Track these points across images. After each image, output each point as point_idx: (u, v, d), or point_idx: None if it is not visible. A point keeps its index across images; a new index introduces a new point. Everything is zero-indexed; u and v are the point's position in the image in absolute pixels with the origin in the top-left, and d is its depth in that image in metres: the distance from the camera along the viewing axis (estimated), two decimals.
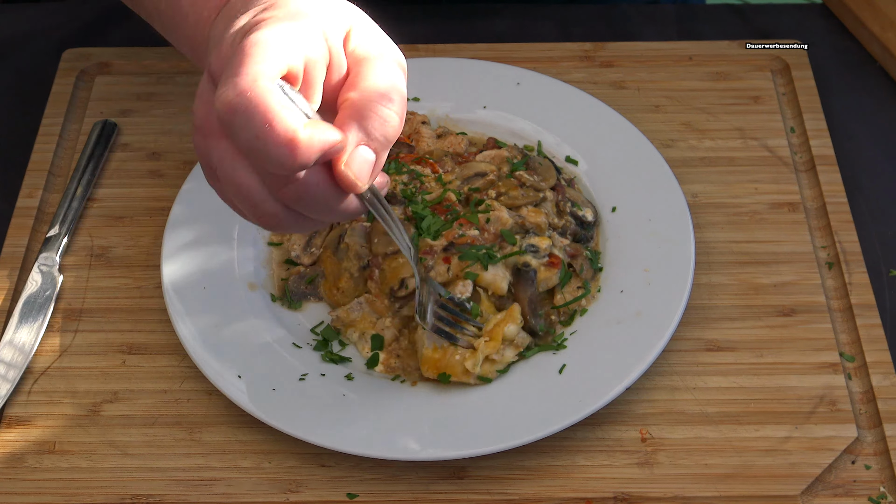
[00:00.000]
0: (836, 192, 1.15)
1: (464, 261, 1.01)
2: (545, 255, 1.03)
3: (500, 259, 1.01)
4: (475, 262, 1.01)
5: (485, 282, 1.00)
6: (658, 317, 1.00)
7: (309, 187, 0.73)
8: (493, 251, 1.02)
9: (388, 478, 0.95)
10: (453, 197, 1.06)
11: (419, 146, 1.14)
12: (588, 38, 1.33)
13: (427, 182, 1.09)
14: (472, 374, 0.97)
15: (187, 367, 1.02)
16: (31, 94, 1.27)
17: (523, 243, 1.03)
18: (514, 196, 1.07)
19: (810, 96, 1.24)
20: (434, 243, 1.02)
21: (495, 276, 1.01)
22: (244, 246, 1.09)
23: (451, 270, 1.01)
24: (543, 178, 1.10)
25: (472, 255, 1.01)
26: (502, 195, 1.07)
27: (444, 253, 1.01)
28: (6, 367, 1.01)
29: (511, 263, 1.02)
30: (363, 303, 1.03)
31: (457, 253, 1.01)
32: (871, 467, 0.96)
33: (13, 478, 0.96)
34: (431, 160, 1.12)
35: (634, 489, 0.94)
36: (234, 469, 0.96)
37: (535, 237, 1.04)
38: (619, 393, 0.96)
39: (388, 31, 0.81)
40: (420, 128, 1.17)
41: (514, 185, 1.08)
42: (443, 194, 1.06)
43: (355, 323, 1.02)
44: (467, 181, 1.09)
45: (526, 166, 1.10)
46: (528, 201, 1.07)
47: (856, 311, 1.05)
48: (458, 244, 1.02)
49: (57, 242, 1.11)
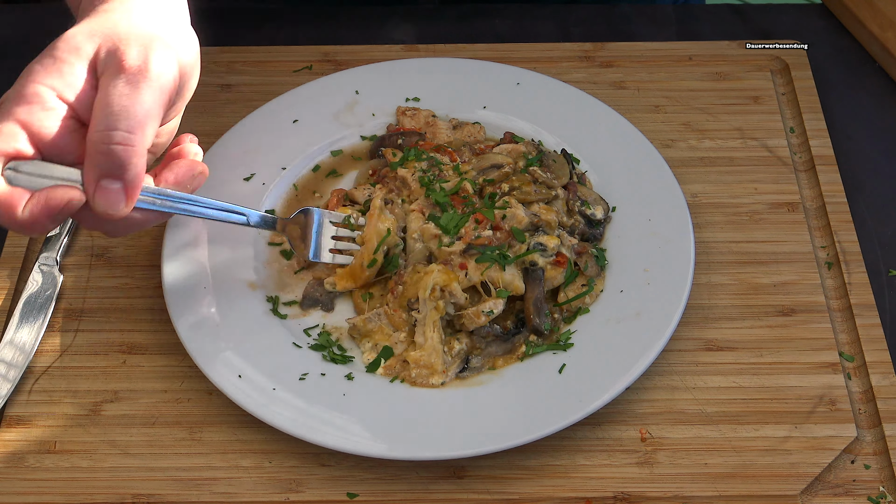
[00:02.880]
0: (835, 191, 1.15)
1: (481, 263, 1.01)
2: (552, 255, 1.03)
3: (512, 260, 1.02)
4: (493, 264, 1.01)
5: (503, 282, 1.01)
6: (658, 316, 1.00)
7: (95, 223, 0.86)
8: (505, 251, 1.02)
9: (388, 477, 0.96)
10: (469, 188, 1.07)
11: (436, 138, 1.15)
12: (588, 38, 1.33)
13: (445, 170, 1.09)
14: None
15: (187, 367, 1.02)
16: None
17: (532, 241, 1.03)
18: (528, 192, 1.07)
19: (810, 96, 1.25)
20: (451, 249, 1.02)
21: (513, 276, 1.01)
22: (244, 246, 1.09)
23: (469, 274, 1.01)
24: (556, 176, 1.10)
25: (489, 258, 1.01)
26: (515, 189, 1.07)
27: (461, 258, 1.02)
28: (7, 367, 1.01)
29: (520, 262, 1.02)
30: (381, 315, 1.03)
31: (474, 255, 1.01)
32: (870, 467, 0.96)
33: (13, 477, 0.96)
34: (451, 149, 1.13)
35: (634, 489, 0.94)
36: (235, 468, 0.96)
37: (544, 235, 1.04)
38: (619, 393, 0.96)
39: (389, 31, 0.81)
40: (433, 120, 1.17)
41: (527, 180, 1.08)
42: (459, 183, 1.07)
43: (371, 333, 1.03)
44: (483, 172, 1.09)
45: (540, 162, 1.10)
46: (540, 198, 1.07)
47: (855, 311, 1.06)
48: (476, 245, 1.02)
49: (57, 242, 1.11)
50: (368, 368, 1.00)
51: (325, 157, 1.18)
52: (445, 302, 1.00)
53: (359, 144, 1.19)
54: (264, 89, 1.24)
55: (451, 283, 1.00)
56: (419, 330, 1.01)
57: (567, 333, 1.02)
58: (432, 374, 0.99)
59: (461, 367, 1.00)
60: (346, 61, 1.29)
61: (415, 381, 0.99)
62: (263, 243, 1.11)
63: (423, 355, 0.99)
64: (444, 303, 1.00)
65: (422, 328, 1.00)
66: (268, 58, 1.30)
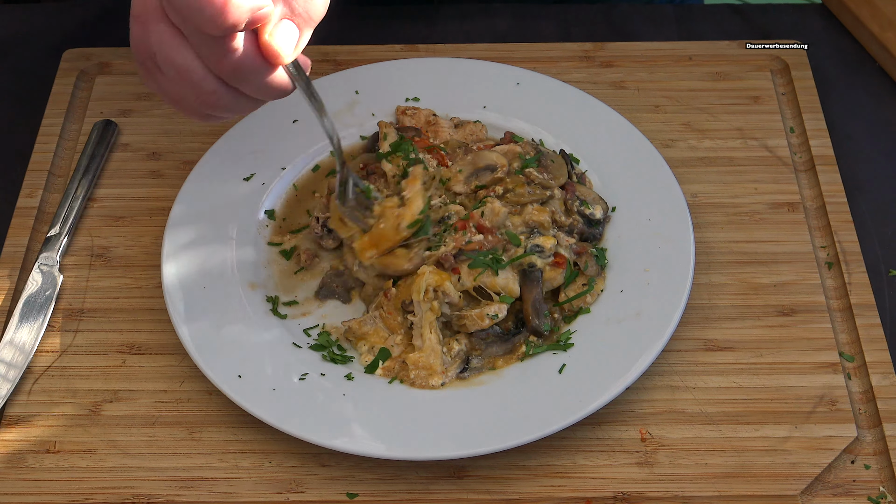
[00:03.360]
0: (835, 191, 1.15)
1: (474, 268, 1.01)
2: (550, 255, 1.03)
3: (507, 263, 1.02)
4: (485, 270, 1.01)
5: (497, 287, 1.01)
6: (658, 317, 1.00)
7: (242, 59, 0.82)
8: (498, 255, 1.02)
9: (388, 477, 0.96)
10: (462, 212, 1.06)
11: (438, 137, 1.15)
12: (588, 38, 1.33)
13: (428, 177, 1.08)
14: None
15: (187, 367, 1.02)
16: (31, 94, 1.27)
17: (528, 244, 1.03)
18: (520, 194, 1.07)
19: (810, 96, 1.25)
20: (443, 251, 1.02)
21: (507, 279, 1.01)
22: (244, 246, 1.09)
23: (463, 280, 1.01)
24: (553, 176, 1.10)
25: (481, 263, 1.01)
26: (508, 192, 1.07)
27: (454, 263, 1.01)
28: (6, 367, 1.01)
29: (517, 265, 1.02)
30: (377, 318, 1.03)
31: (466, 261, 1.01)
32: (870, 467, 0.96)
33: (13, 477, 0.96)
34: (443, 151, 1.12)
35: (634, 489, 0.94)
36: (235, 469, 0.96)
37: (540, 237, 1.04)
38: (619, 393, 0.96)
39: (389, 31, 0.82)
40: (434, 119, 1.17)
41: (521, 182, 1.08)
42: (444, 208, 1.06)
43: (367, 336, 1.03)
44: (475, 174, 1.09)
45: (538, 163, 1.10)
46: (533, 199, 1.07)
47: (855, 311, 1.05)
48: (467, 251, 1.02)
49: (57, 242, 1.11)
50: (367, 370, 1.00)
51: (325, 157, 1.18)
52: (440, 303, 1.00)
53: (359, 144, 1.19)
54: None
55: (443, 284, 1.00)
56: (416, 332, 1.01)
57: (567, 333, 1.02)
58: (431, 376, 0.99)
59: (461, 367, 1.00)
60: (346, 61, 1.29)
61: (414, 383, 0.99)
62: (263, 243, 1.11)
63: (422, 356, 0.99)
64: (438, 303, 1.00)
65: (419, 330, 1.00)
66: None
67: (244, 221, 1.11)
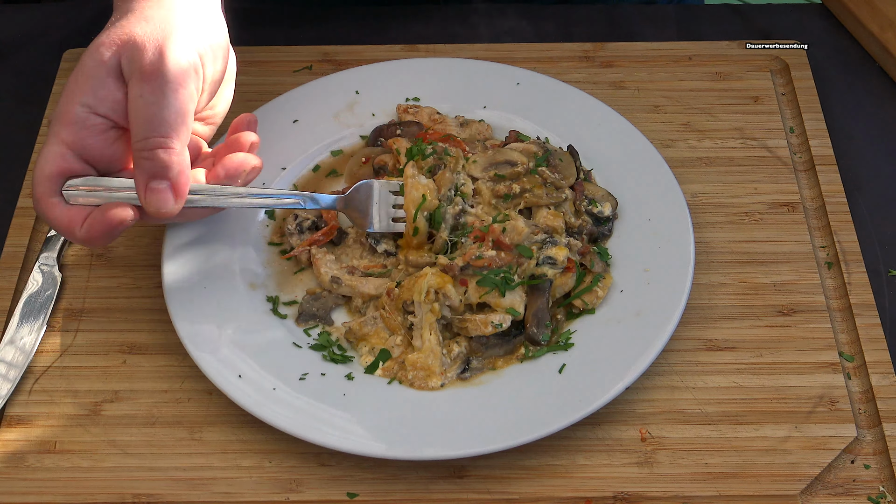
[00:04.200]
0: (835, 192, 1.15)
1: (482, 286, 1.01)
2: (562, 267, 1.03)
3: (517, 284, 1.01)
4: (493, 289, 1.00)
5: (503, 306, 1.00)
6: (658, 317, 1.00)
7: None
8: (510, 274, 1.01)
9: (388, 477, 0.96)
10: (484, 221, 1.05)
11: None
12: (588, 38, 1.33)
13: (450, 163, 1.08)
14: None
15: (187, 367, 1.02)
16: (31, 94, 1.28)
17: (540, 255, 1.03)
18: (539, 195, 1.07)
19: (810, 96, 1.25)
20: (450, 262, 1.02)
21: (513, 301, 1.00)
22: (244, 246, 1.09)
23: (469, 293, 1.01)
24: (564, 176, 1.09)
25: (490, 282, 1.00)
26: (527, 192, 1.07)
27: (461, 274, 1.01)
28: (7, 367, 1.01)
29: (527, 275, 1.02)
30: (377, 318, 1.03)
31: (475, 277, 1.01)
32: (870, 467, 0.96)
33: (14, 477, 0.96)
34: (460, 138, 1.13)
35: (634, 489, 0.95)
36: (235, 468, 0.96)
37: (553, 248, 1.03)
38: (619, 392, 0.96)
39: (389, 31, 0.81)
40: (439, 117, 1.17)
41: (538, 182, 1.08)
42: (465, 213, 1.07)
43: (367, 337, 1.03)
44: (495, 166, 1.09)
45: (547, 162, 1.10)
46: (550, 202, 1.07)
47: (855, 311, 1.06)
48: (475, 266, 1.01)
49: (57, 242, 1.11)
50: (367, 370, 1.00)
51: (325, 157, 1.18)
52: (441, 304, 1.00)
53: (359, 144, 1.19)
54: (264, 89, 1.24)
55: (445, 286, 1.00)
56: (416, 333, 1.01)
57: (567, 333, 1.02)
58: (430, 377, 0.98)
59: (462, 368, 1.00)
60: (346, 61, 1.29)
61: (412, 384, 0.99)
62: (263, 243, 1.11)
63: (421, 357, 0.99)
64: (439, 305, 1.00)
65: (419, 331, 1.00)
66: (268, 58, 1.30)
67: (244, 221, 1.11)
